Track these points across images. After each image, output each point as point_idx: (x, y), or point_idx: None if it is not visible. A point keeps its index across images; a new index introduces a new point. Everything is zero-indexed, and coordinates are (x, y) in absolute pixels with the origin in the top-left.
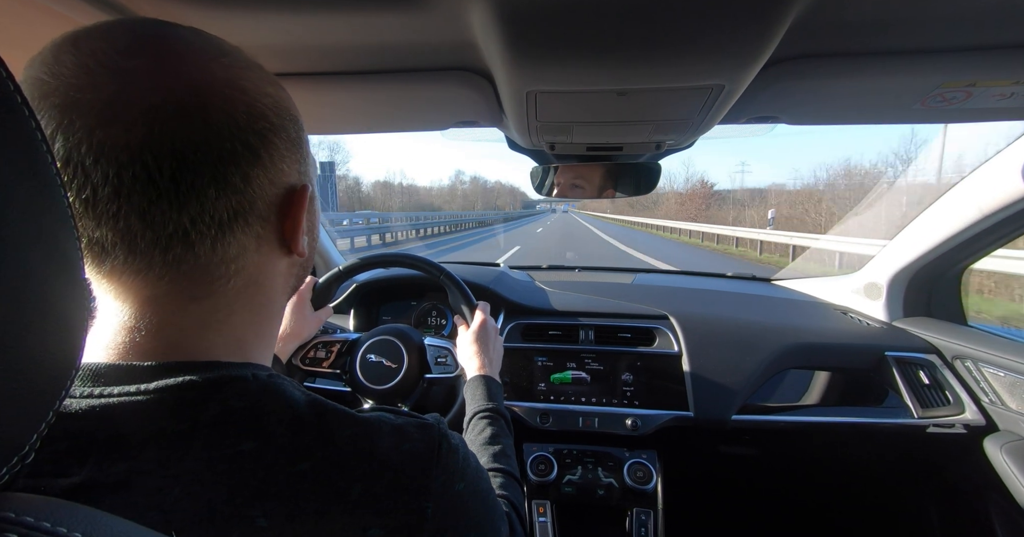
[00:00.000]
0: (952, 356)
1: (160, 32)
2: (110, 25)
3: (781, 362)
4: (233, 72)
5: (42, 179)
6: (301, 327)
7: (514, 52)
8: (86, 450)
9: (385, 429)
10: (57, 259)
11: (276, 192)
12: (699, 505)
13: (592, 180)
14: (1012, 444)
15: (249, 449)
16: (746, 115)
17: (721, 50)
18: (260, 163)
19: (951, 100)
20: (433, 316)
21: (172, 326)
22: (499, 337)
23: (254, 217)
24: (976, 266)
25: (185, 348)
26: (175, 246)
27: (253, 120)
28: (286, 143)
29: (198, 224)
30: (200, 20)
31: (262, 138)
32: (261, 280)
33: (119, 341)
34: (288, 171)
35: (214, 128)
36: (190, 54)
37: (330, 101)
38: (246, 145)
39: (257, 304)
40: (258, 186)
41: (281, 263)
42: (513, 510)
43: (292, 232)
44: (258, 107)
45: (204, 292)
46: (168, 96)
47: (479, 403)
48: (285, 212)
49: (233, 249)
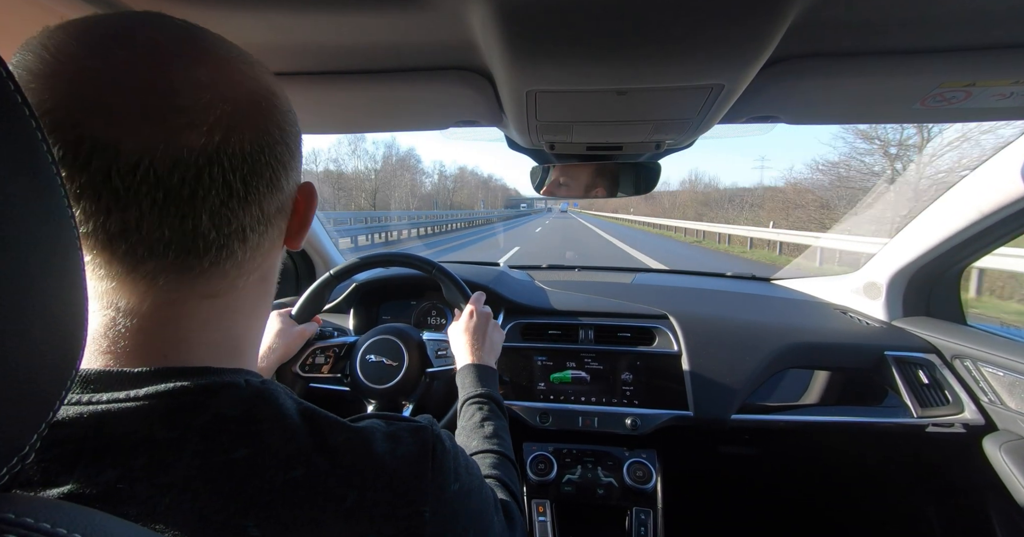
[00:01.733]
0: (951, 355)
1: (208, 40)
2: (145, 21)
3: (780, 361)
4: (269, 80)
5: (43, 181)
6: (283, 344)
7: (514, 52)
8: (75, 458)
9: (378, 436)
10: (58, 261)
11: (294, 191)
12: (699, 504)
13: (591, 180)
14: (1011, 443)
15: (241, 457)
16: (745, 115)
17: (721, 50)
18: (294, 165)
19: (951, 100)
20: (433, 315)
21: (175, 325)
22: (496, 325)
23: (282, 215)
24: (994, 267)
25: (175, 352)
26: (231, 244)
27: (289, 124)
28: (297, 142)
29: (253, 225)
30: (200, 19)
31: (294, 141)
32: (269, 274)
33: (121, 345)
34: (298, 168)
35: (269, 134)
36: (240, 61)
37: (330, 100)
38: (287, 148)
39: (260, 297)
40: (290, 186)
41: (278, 257)
42: (505, 489)
43: (299, 228)
44: (288, 113)
45: (219, 290)
46: (237, 105)
47: (469, 390)
48: (296, 209)
49: (265, 246)
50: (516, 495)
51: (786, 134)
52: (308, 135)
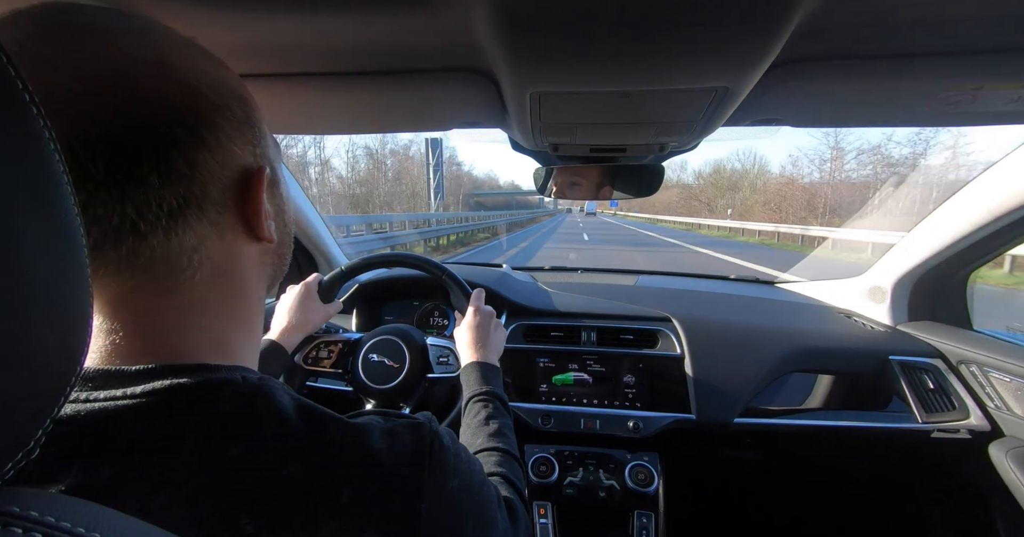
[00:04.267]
0: (957, 361)
1: (76, 15)
2: (22, 12)
3: (784, 365)
4: (162, 51)
5: (46, 171)
6: (307, 318)
7: (518, 54)
8: (73, 454)
9: (375, 432)
10: (64, 255)
11: (230, 176)
12: (701, 508)
13: (594, 181)
14: (1018, 450)
15: (237, 453)
16: (750, 117)
17: (725, 52)
18: (205, 146)
19: (957, 103)
20: (435, 316)
21: (148, 325)
22: (499, 324)
23: (208, 203)
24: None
25: (169, 349)
26: (125, 239)
27: (190, 100)
28: (233, 123)
29: (145, 214)
30: (200, 19)
31: (203, 119)
32: (230, 269)
33: (100, 344)
34: (241, 153)
35: (147, 112)
36: (111, 35)
37: (333, 102)
38: (186, 127)
39: (232, 296)
40: (206, 171)
41: (250, 250)
42: (510, 487)
43: (255, 217)
44: (194, 86)
45: (172, 286)
46: (91, 82)
47: (474, 388)
48: (244, 197)
49: (191, 238)
50: (521, 492)
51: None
52: (311, 135)
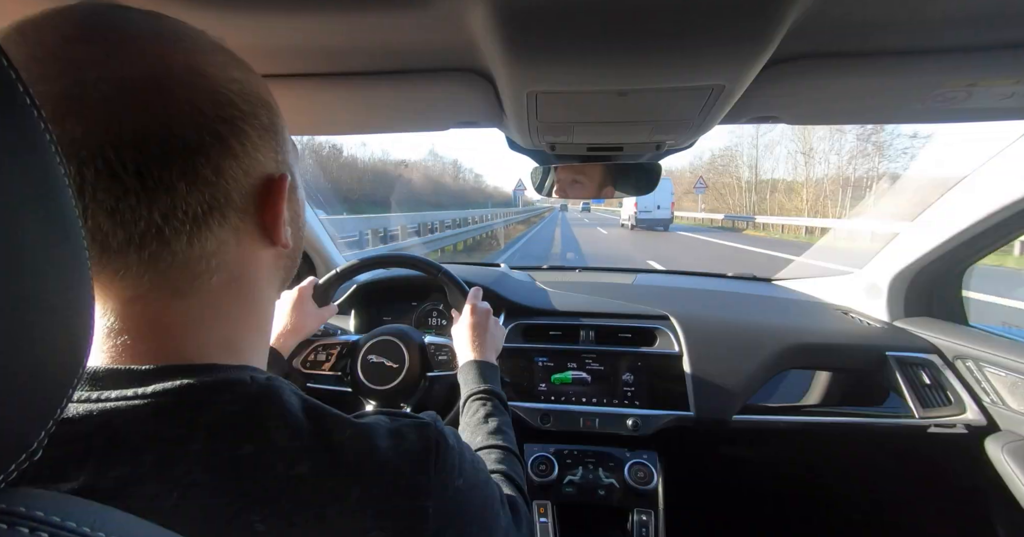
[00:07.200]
0: (953, 356)
1: (112, 17)
2: (58, 11)
3: (782, 362)
4: (194, 57)
5: (48, 174)
6: (303, 323)
7: (514, 53)
8: (84, 455)
9: (382, 431)
10: (65, 256)
11: (253, 183)
12: (700, 505)
13: (592, 180)
14: (1013, 444)
15: (247, 453)
16: (746, 115)
17: (721, 50)
18: (232, 153)
19: (952, 100)
20: (434, 317)
21: (160, 327)
22: (496, 322)
23: (231, 210)
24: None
25: (179, 349)
26: (149, 244)
27: (219, 107)
28: (259, 131)
29: (171, 220)
30: (199, 20)
31: (231, 126)
32: (245, 274)
33: (110, 344)
34: (264, 160)
35: (177, 118)
36: (145, 39)
37: (330, 102)
38: (214, 134)
39: (244, 299)
40: (232, 178)
41: (265, 255)
42: (512, 484)
43: (273, 223)
44: (224, 93)
45: (187, 290)
46: (124, 86)
47: (472, 386)
48: (264, 203)
49: (211, 244)
50: (522, 490)
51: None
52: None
